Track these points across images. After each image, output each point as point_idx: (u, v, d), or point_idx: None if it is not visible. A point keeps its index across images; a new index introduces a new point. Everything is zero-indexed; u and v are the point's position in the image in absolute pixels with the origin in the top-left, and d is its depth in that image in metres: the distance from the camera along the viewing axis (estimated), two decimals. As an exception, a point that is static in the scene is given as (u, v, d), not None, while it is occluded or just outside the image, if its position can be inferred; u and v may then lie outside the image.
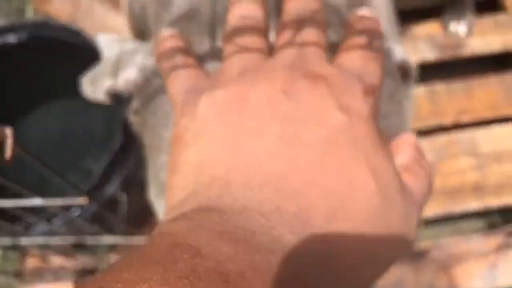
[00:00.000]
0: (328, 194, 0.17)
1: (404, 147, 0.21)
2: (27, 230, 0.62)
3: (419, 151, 0.22)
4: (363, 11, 0.24)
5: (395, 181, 0.19)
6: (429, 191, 0.21)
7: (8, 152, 0.25)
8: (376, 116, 0.20)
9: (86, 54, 0.76)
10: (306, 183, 0.17)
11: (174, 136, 0.21)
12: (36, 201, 0.40)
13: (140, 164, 0.73)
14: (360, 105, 0.19)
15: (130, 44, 0.33)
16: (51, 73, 0.76)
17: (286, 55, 0.21)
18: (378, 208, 0.17)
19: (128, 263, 0.12)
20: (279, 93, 0.19)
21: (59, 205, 0.53)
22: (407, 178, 0.20)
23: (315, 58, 0.21)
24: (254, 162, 0.17)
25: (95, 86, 0.32)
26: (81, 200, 0.40)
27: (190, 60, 0.25)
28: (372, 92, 0.20)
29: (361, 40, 0.22)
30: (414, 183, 0.20)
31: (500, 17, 1.04)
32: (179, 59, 0.25)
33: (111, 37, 0.33)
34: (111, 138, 0.67)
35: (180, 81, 0.23)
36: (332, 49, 0.25)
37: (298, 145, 0.17)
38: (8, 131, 0.26)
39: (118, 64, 0.32)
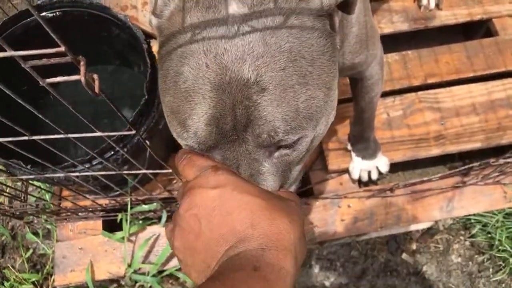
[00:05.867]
0: (269, 236, 0.36)
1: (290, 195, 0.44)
2: (73, 169, 0.78)
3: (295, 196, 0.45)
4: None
5: (299, 221, 0.39)
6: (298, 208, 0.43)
7: (97, 89, 0.41)
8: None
9: (114, 26, 0.90)
10: (261, 234, 0.36)
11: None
12: (95, 133, 0.55)
13: (160, 118, 0.88)
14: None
15: None
16: (84, 42, 0.89)
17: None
18: (291, 234, 0.37)
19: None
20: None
21: (115, 136, 0.69)
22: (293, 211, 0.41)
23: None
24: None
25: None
26: (130, 131, 0.55)
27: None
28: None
29: None
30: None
31: (467, -8, 1.18)
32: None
33: None
34: (137, 96, 0.82)
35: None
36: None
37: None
38: (96, 76, 0.42)
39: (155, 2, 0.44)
